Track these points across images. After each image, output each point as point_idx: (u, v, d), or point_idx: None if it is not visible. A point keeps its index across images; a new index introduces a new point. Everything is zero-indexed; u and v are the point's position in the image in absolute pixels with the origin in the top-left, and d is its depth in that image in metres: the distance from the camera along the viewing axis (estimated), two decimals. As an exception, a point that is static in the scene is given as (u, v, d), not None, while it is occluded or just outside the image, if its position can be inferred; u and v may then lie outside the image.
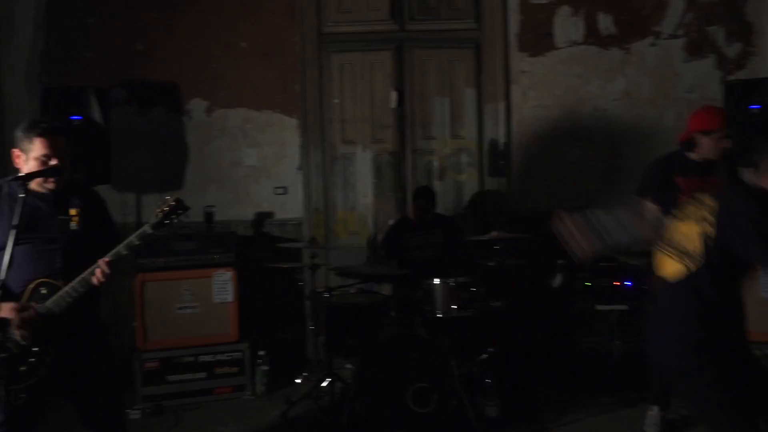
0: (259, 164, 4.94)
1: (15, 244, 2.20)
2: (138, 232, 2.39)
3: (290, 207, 4.94)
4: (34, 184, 2.41)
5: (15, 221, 2.20)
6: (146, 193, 4.85)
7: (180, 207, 2.41)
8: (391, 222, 4.65)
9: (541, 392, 4.01)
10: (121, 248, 2.34)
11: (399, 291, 4.01)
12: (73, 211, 2.43)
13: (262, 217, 4.95)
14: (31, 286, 2.35)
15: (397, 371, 3.43)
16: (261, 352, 4.37)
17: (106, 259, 2.32)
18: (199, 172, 4.92)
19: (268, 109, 4.91)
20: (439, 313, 3.70)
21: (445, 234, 4.42)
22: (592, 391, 3.89)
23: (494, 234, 3.91)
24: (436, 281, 3.73)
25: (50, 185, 2.42)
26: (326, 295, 3.85)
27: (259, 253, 4.76)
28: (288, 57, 4.82)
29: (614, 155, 4.79)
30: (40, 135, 2.36)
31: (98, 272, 2.33)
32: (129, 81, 4.81)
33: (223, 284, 4.30)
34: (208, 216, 4.57)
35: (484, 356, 3.71)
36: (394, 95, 4.85)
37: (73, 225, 2.42)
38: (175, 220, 2.40)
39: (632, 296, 3.95)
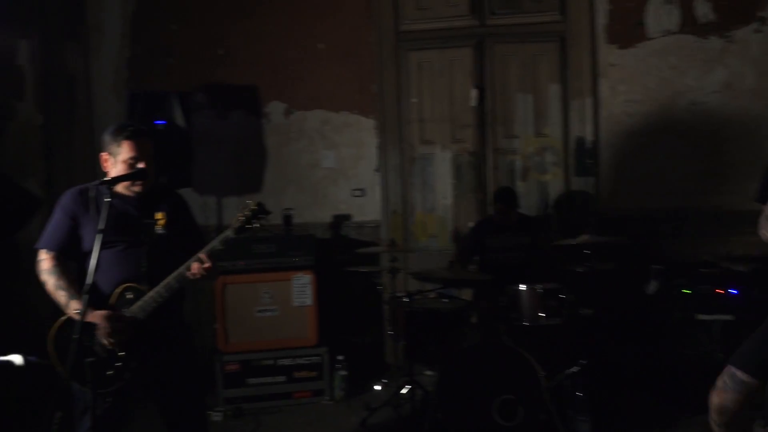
0: (336, 166, 4.95)
1: (102, 247, 2.22)
2: (221, 237, 2.38)
3: (368, 209, 4.93)
4: (121, 188, 2.44)
5: (101, 225, 2.22)
6: (226, 196, 4.91)
7: (261, 211, 2.40)
8: (471, 225, 4.57)
9: (636, 408, 3.84)
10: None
11: (482, 297, 3.94)
12: (158, 215, 2.45)
13: (340, 220, 4.95)
14: (118, 290, 2.38)
15: (482, 381, 3.34)
16: (339, 357, 4.36)
17: (204, 252, 2.31)
18: (277, 174, 4.95)
19: (345, 110, 4.91)
20: (525, 321, 3.57)
21: (531, 236, 4.28)
22: (692, 408, 3.65)
23: (584, 238, 3.77)
24: (522, 287, 3.60)
25: (137, 189, 2.45)
26: (406, 299, 3.79)
27: (338, 256, 4.76)
28: (365, 57, 4.81)
29: (714, 153, 4.58)
30: (127, 138, 2.39)
31: (195, 265, 2.32)
32: (210, 85, 4.89)
33: (302, 287, 4.31)
34: (287, 218, 4.59)
35: (575, 369, 3.54)
36: (474, 93, 4.76)
37: (159, 229, 2.43)
38: (257, 225, 2.38)
39: (738, 305, 3.69)
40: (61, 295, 2.37)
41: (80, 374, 2.25)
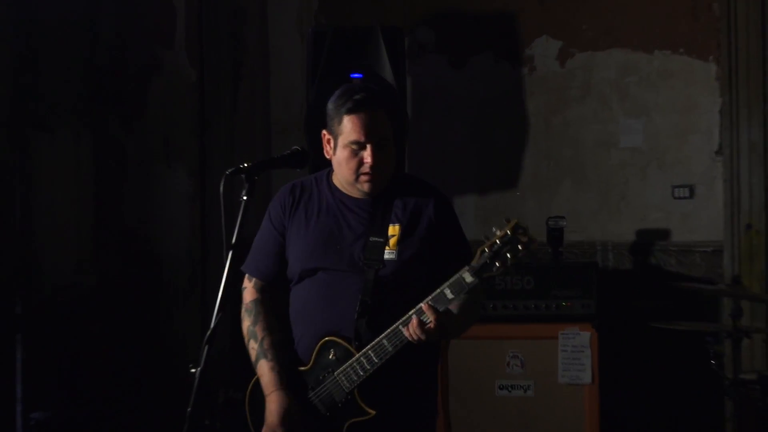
0: (645, 146, 4.79)
1: (302, 276, 2.53)
2: (451, 281, 2.42)
3: (700, 221, 4.73)
4: (346, 185, 2.59)
5: (310, 241, 2.52)
6: (461, 194, 4.87)
7: (515, 240, 2.39)
8: None
9: None
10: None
11: None
12: (392, 229, 2.56)
13: (650, 238, 4.76)
14: (318, 345, 2.52)
15: None
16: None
17: (427, 302, 2.43)
18: (543, 158, 4.91)
19: (664, 49, 4.75)
20: None
21: None
22: None
23: None
24: None
25: (366, 186, 2.55)
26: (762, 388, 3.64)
27: (641, 301, 4.59)
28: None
29: None
30: (349, 111, 2.52)
31: (413, 323, 2.42)
32: (438, 15, 4.91)
33: (575, 352, 4.16)
34: (554, 233, 4.38)
35: None
36: None
37: (389, 252, 2.54)
38: (510, 263, 2.39)
39: None
40: (252, 349, 2.60)
41: None
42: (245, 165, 2.44)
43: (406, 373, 2.52)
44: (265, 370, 2.51)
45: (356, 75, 4.18)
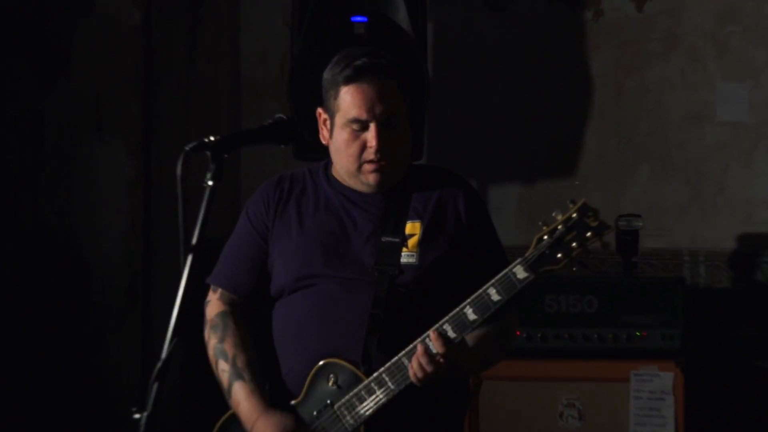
0: (750, 119, 4.85)
1: (296, 287, 2.62)
2: (498, 279, 2.50)
3: None
4: (348, 177, 2.67)
5: (305, 245, 2.62)
6: (499, 182, 4.97)
7: (584, 223, 2.48)
8: None
9: None
10: (473, 307, 2.51)
11: None
12: (410, 227, 2.66)
13: (756, 245, 4.85)
14: (314, 369, 2.59)
15: None
16: None
17: (435, 329, 2.51)
18: (612, 134, 4.98)
19: None
20: None
21: None
22: None
23: None
24: None
25: (372, 178, 2.63)
26: None
27: (743, 330, 4.67)
28: None
29: None
30: (348, 81, 2.59)
31: (419, 352, 2.49)
32: None
33: (652, 400, 4.19)
34: (627, 237, 4.39)
35: None
36: None
37: (408, 255, 2.64)
38: (575, 254, 2.48)
39: None
40: (222, 372, 2.66)
41: None
42: (211, 139, 2.43)
43: (425, 415, 2.57)
44: (242, 395, 2.56)
45: (359, 19, 4.19)
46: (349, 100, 2.58)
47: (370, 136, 2.57)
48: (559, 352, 4.25)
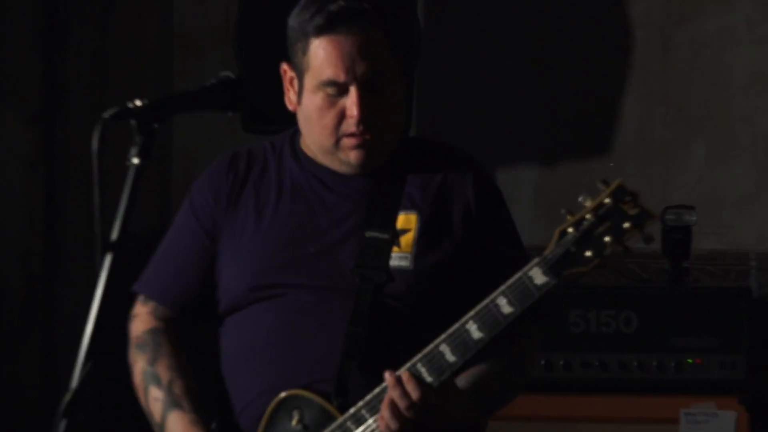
0: None
1: (252, 299, 2.66)
2: (509, 285, 2.51)
3: None
4: (322, 154, 2.71)
5: (264, 244, 2.67)
6: (511, 163, 5.14)
7: (623, 215, 2.49)
8: None
9: None
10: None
11: None
12: (403, 220, 2.70)
13: None
14: (273, 403, 2.62)
15: None
16: None
17: (407, 369, 2.53)
18: (657, 103, 5.17)
19: None
20: None
21: None
22: None
23: None
24: None
25: (355, 157, 2.67)
26: None
27: None
28: None
29: None
30: (320, 31, 2.62)
31: (385, 406, 2.51)
32: None
33: None
34: (676, 235, 4.54)
35: None
36: None
37: (399, 256, 2.68)
38: (608, 251, 2.49)
39: None
40: (154, 401, 2.69)
41: None
42: (137, 104, 2.38)
43: None
44: (180, 427, 2.58)
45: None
46: (322, 57, 2.61)
47: (350, 102, 2.59)
48: (587, 384, 4.35)
